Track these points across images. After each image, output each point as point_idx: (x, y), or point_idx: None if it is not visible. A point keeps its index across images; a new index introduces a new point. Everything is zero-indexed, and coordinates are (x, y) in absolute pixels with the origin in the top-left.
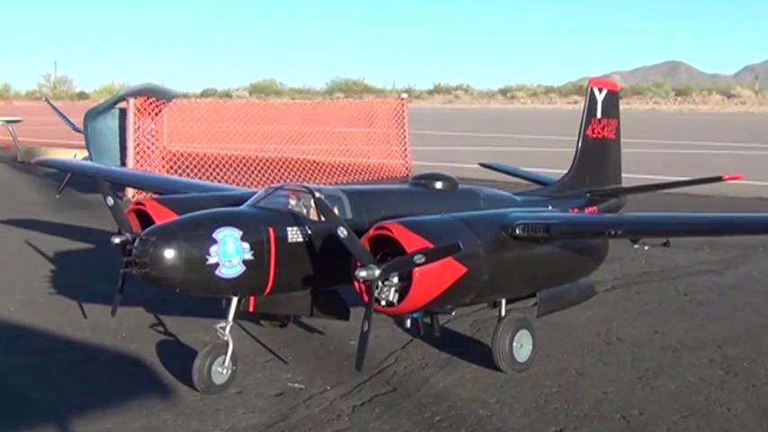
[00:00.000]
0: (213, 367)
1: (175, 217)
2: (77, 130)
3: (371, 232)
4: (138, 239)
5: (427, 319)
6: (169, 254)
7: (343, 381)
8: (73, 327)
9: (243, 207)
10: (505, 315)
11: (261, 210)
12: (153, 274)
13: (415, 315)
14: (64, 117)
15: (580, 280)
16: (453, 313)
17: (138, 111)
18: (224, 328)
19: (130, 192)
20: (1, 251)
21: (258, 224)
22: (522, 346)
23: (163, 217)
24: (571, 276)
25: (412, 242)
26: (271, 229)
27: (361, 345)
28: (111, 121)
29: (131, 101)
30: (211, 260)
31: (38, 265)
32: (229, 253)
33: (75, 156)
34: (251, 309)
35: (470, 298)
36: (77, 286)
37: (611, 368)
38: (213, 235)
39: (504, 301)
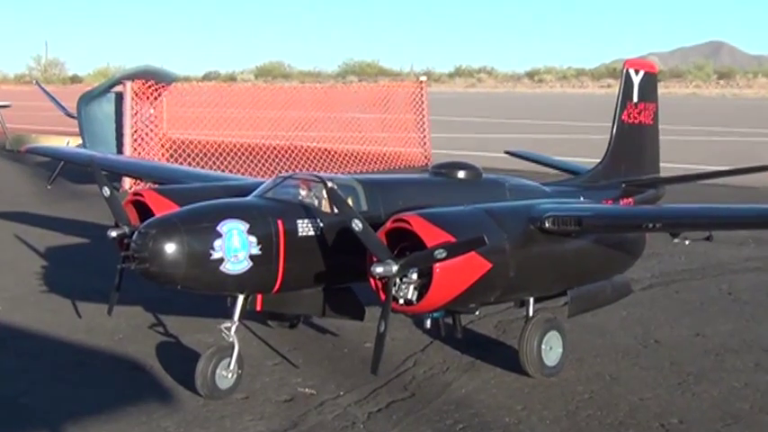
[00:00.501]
0: (217, 371)
1: (176, 208)
2: (70, 115)
3: (388, 225)
4: (136, 233)
5: (449, 320)
6: (170, 248)
7: (357, 386)
8: (66, 327)
9: (250, 198)
10: (533, 315)
11: (269, 201)
12: (153, 270)
13: (435, 315)
14: (56, 102)
15: (615, 277)
16: (477, 313)
17: (136, 95)
18: (229, 329)
19: (127, 182)
20: None
21: (266, 216)
22: (552, 349)
23: (163, 208)
24: (605, 273)
25: (432, 235)
26: (280, 222)
27: (377, 347)
28: (107, 105)
29: (128, 84)
30: (216, 255)
31: (28, 260)
32: (235, 247)
33: (67, 143)
34: (258, 308)
35: (495, 296)
36: (70, 283)
37: (648, 373)
38: (218, 228)
39: (531, 300)
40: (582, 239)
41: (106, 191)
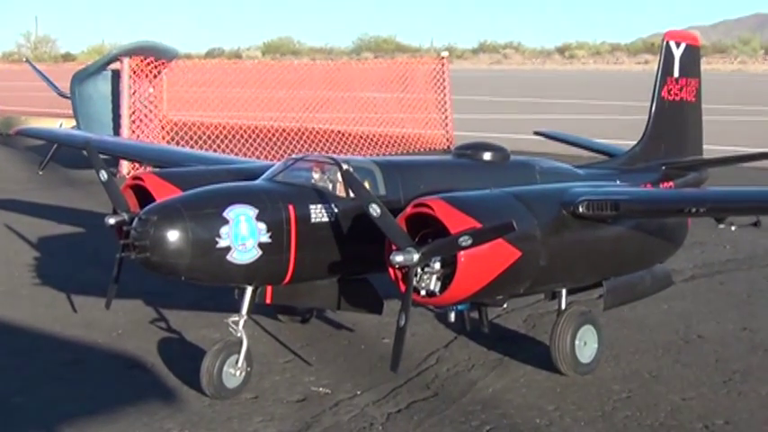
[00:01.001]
0: (224, 368)
1: (179, 193)
2: (63, 95)
3: (409, 210)
4: (136, 219)
5: (474, 313)
6: (173, 236)
7: (375, 384)
8: (61, 323)
9: (258, 182)
10: (566, 308)
11: (279, 185)
12: (154, 260)
13: (460, 307)
14: (48, 80)
15: (654, 267)
16: (505, 306)
17: (134, 72)
18: (237, 323)
19: (125, 166)
20: None
21: (276, 201)
22: (586, 345)
23: (164, 193)
24: (644, 263)
25: (457, 221)
26: (291, 208)
27: (396, 342)
28: (103, 84)
29: (126, 61)
30: (222, 243)
31: (20, 251)
32: (243, 235)
33: (61, 125)
34: (268, 300)
35: (525, 287)
36: (65, 276)
37: (690, 371)
38: (224, 214)
39: (564, 292)
40: (619, 226)
41: (103, 175)
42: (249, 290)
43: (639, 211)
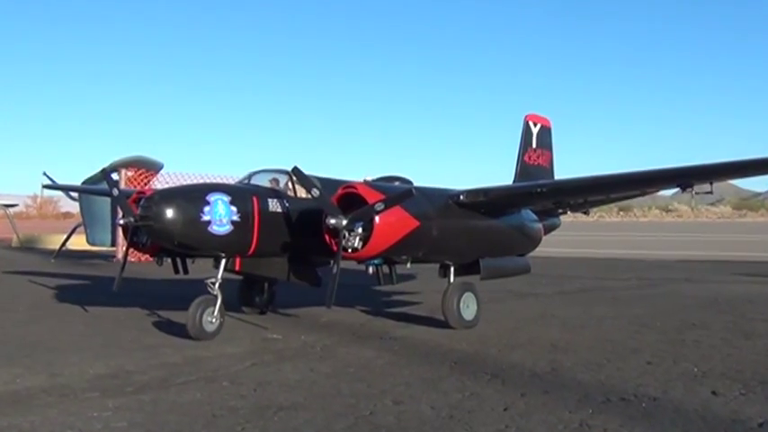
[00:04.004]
0: (204, 317)
1: None
2: (74, 198)
3: (340, 191)
4: (143, 200)
5: (386, 269)
6: (170, 210)
7: (316, 332)
8: (83, 315)
9: (232, 183)
10: (453, 281)
11: (246, 185)
12: (156, 227)
13: (375, 262)
14: (61, 187)
15: (518, 258)
16: (409, 266)
17: (129, 180)
18: (213, 284)
19: (120, 251)
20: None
21: (244, 194)
22: (468, 307)
23: None
24: (508, 250)
25: (373, 196)
26: (255, 199)
27: (331, 285)
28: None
29: (123, 171)
30: (205, 218)
31: (43, 289)
32: (220, 213)
33: (76, 227)
34: (237, 268)
35: (423, 252)
36: (80, 298)
37: (541, 327)
38: (206, 197)
39: (452, 269)
40: (490, 219)
41: (115, 191)
42: (223, 260)
43: (503, 195)
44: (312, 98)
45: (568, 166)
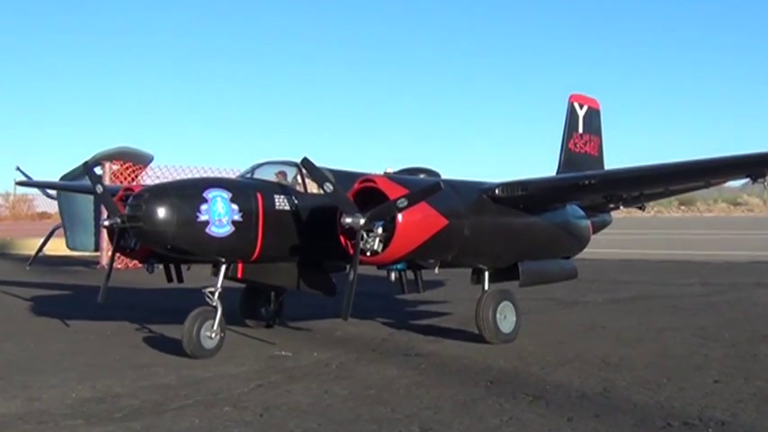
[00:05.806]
0: (202, 331)
1: None
2: (50, 196)
3: (357, 186)
4: (131, 197)
5: (411, 275)
6: (161, 209)
7: (329, 349)
8: (63, 329)
9: (233, 177)
10: (488, 288)
11: (250, 179)
12: (146, 229)
13: (398, 266)
14: (37, 184)
15: (563, 260)
16: (437, 271)
17: (114, 176)
18: (213, 294)
19: (105, 257)
20: None
21: (247, 189)
22: (506, 318)
23: None
24: (552, 253)
25: (394, 190)
26: (259, 195)
27: (347, 294)
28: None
29: (107, 165)
30: (202, 218)
31: (20, 301)
32: (219, 212)
33: (54, 229)
34: (239, 275)
35: (453, 254)
36: (58, 311)
37: (591, 341)
38: (204, 194)
39: (487, 275)
40: (531, 216)
41: (99, 188)
42: (223, 266)
43: (545, 188)
44: (324, 78)
45: (620, 153)
